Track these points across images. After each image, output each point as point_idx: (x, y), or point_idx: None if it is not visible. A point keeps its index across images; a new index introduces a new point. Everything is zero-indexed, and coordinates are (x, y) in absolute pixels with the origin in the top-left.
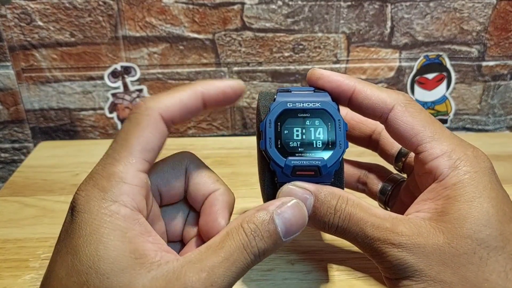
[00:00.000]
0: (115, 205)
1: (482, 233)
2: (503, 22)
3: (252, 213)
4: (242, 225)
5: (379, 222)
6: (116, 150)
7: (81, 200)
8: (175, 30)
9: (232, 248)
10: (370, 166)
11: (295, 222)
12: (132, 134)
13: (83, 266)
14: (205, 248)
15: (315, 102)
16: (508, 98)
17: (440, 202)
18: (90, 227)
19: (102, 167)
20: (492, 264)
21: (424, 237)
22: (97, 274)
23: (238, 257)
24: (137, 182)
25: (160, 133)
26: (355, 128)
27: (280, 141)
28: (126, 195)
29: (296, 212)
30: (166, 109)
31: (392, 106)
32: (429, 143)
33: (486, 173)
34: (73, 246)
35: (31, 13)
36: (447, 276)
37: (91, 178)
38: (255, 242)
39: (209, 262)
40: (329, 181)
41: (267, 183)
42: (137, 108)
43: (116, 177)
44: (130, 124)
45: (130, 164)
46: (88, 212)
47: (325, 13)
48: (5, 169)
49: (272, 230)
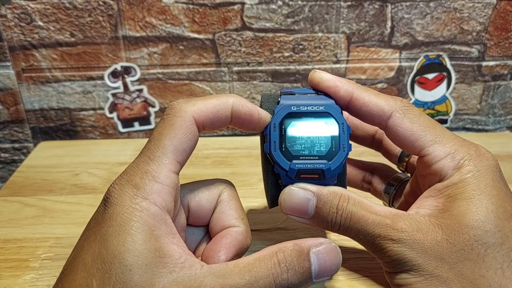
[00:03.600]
0: (145, 202)
1: (480, 230)
2: (503, 22)
3: (290, 246)
4: (278, 254)
5: (380, 219)
6: (150, 149)
7: (115, 193)
8: (175, 30)
9: (260, 274)
10: (375, 165)
11: (329, 265)
12: (166, 135)
13: (108, 254)
14: (233, 266)
15: (319, 106)
16: (508, 98)
17: (441, 200)
18: (120, 218)
19: (136, 164)
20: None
21: (423, 233)
22: (120, 264)
23: (263, 285)
24: (169, 182)
25: (193, 134)
26: (359, 127)
27: (284, 144)
28: (157, 194)
29: (332, 255)
30: (200, 112)
31: (390, 113)
32: (431, 146)
33: (490, 171)
34: (102, 234)
35: (31, 13)
36: (444, 271)
37: (125, 173)
38: (287, 275)
39: (232, 280)
40: (333, 183)
41: (271, 186)
42: (171, 109)
43: (149, 176)
44: (164, 124)
45: (163, 164)
46: (120, 205)
47: (325, 13)
48: (5, 169)
49: (307, 267)
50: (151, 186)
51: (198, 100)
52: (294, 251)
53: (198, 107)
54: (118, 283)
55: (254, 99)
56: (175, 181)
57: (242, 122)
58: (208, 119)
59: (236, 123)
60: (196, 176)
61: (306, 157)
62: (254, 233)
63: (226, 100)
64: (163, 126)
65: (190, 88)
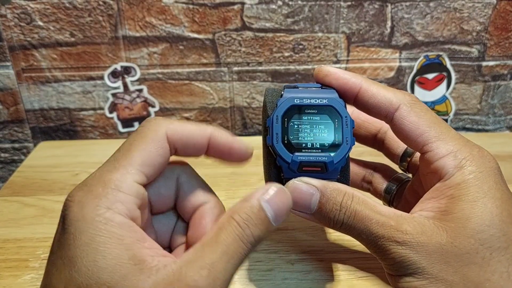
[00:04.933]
0: (109, 212)
1: (485, 233)
2: (503, 22)
3: (241, 204)
4: (234, 217)
5: (384, 220)
6: (117, 158)
7: (74, 208)
8: (175, 30)
9: (228, 241)
10: (375, 165)
11: (283, 206)
12: (136, 146)
13: (81, 277)
14: (201, 246)
15: (322, 99)
16: (508, 98)
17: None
18: (85, 236)
19: (99, 173)
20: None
21: (427, 236)
22: (97, 284)
23: (235, 248)
24: (132, 191)
25: (164, 150)
26: (361, 127)
27: (287, 136)
28: (121, 203)
29: (282, 197)
30: (174, 131)
31: (397, 105)
32: (435, 143)
33: (492, 173)
34: (69, 257)
35: (31, 13)
36: (448, 274)
37: (85, 184)
38: (250, 230)
39: (207, 259)
40: (335, 177)
41: (273, 179)
42: (146, 122)
43: (111, 185)
44: (136, 136)
45: (128, 174)
46: (82, 220)
47: (325, 13)
48: (5, 169)
49: (263, 217)
50: (114, 195)
51: (175, 121)
52: (248, 207)
53: (173, 126)
54: None
55: (254, 99)
56: (140, 191)
57: (221, 153)
58: (181, 141)
59: (214, 154)
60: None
61: (309, 150)
62: None
63: (204, 128)
64: (135, 138)
65: (190, 88)
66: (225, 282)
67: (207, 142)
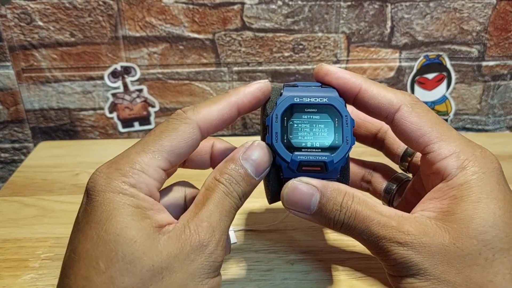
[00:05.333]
0: (133, 189)
1: (488, 234)
2: (503, 22)
3: (222, 165)
4: (217, 178)
5: (385, 220)
6: (147, 142)
7: (100, 180)
8: (175, 30)
9: (217, 198)
10: (374, 165)
11: (261, 160)
12: (167, 135)
13: (110, 235)
14: (194, 206)
15: (322, 97)
16: (508, 98)
17: (446, 201)
18: (113, 203)
19: (127, 154)
20: (497, 266)
21: (430, 237)
22: (125, 239)
23: (224, 202)
24: (156, 177)
25: (194, 141)
26: (361, 126)
27: (286, 135)
28: (145, 184)
29: (260, 152)
30: (205, 120)
31: (398, 106)
32: (437, 143)
33: (494, 174)
34: (97, 221)
35: (31, 13)
36: (451, 275)
37: (114, 162)
38: (232, 187)
39: (204, 213)
40: (335, 177)
41: (272, 179)
42: (177, 115)
43: (138, 166)
44: (168, 126)
45: (154, 159)
46: (109, 191)
47: (325, 13)
48: (5, 169)
49: (243, 173)
50: (139, 176)
51: (203, 108)
52: (228, 167)
53: (203, 115)
54: (126, 256)
55: None
56: (162, 176)
57: (252, 108)
58: (213, 126)
59: (246, 112)
60: (196, 175)
61: (308, 149)
62: (253, 233)
63: (229, 102)
64: (167, 127)
65: (190, 88)
66: (222, 231)
67: (237, 112)
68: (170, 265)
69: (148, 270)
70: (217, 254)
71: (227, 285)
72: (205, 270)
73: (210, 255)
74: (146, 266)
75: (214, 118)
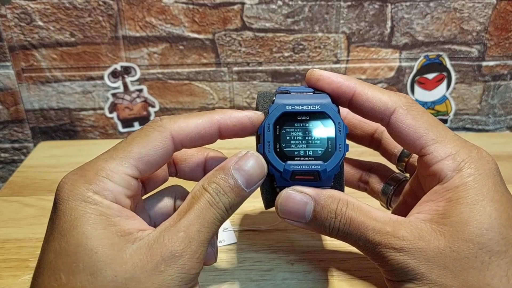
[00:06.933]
0: (97, 196)
1: (484, 237)
2: (503, 22)
3: (212, 173)
4: (204, 187)
5: (380, 226)
6: (116, 149)
7: (65, 188)
8: (175, 30)
9: (200, 207)
10: (372, 165)
11: (254, 172)
12: (137, 142)
13: (70, 246)
14: (176, 214)
15: (314, 105)
16: (508, 98)
17: (441, 204)
18: (75, 212)
19: (95, 161)
20: (494, 269)
21: (425, 241)
22: (85, 251)
23: (207, 213)
24: (123, 183)
25: (165, 151)
26: (357, 127)
27: (279, 145)
28: (109, 191)
29: (254, 163)
30: (179, 131)
31: (393, 109)
32: (433, 145)
33: (491, 175)
34: (59, 231)
35: (31, 13)
36: (448, 279)
37: (80, 169)
38: (219, 198)
39: (182, 223)
40: (329, 185)
41: (266, 188)
42: (152, 122)
43: (103, 173)
44: (140, 133)
45: (121, 166)
46: (72, 199)
47: (325, 13)
48: (5, 169)
49: (233, 184)
50: (104, 183)
51: (181, 119)
52: (217, 176)
53: (178, 125)
54: (87, 268)
55: (254, 99)
56: (131, 182)
57: (235, 133)
58: (188, 138)
59: (228, 136)
60: None
61: (301, 158)
62: (253, 233)
63: (210, 118)
64: (139, 135)
65: (190, 88)
66: (200, 243)
67: (217, 130)
68: (136, 275)
69: (110, 281)
70: (190, 265)
71: (227, 285)
72: (175, 281)
73: (182, 266)
74: (108, 277)
75: (191, 131)
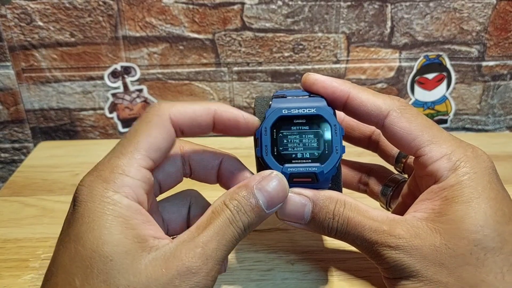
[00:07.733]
0: (117, 195)
1: (479, 234)
2: (503, 22)
3: (234, 190)
4: (225, 203)
5: (377, 225)
6: (124, 144)
7: (84, 190)
8: (175, 30)
9: (219, 224)
10: (371, 166)
11: (276, 194)
12: (141, 132)
13: (86, 250)
14: (195, 228)
15: (310, 108)
16: (508, 98)
17: (438, 202)
18: (93, 214)
19: (107, 159)
20: (489, 265)
21: (421, 239)
22: (100, 257)
23: (226, 231)
24: (139, 176)
25: (168, 134)
26: (355, 129)
27: (276, 148)
28: (128, 187)
29: (276, 185)
30: (177, 113)
31: (387, 112)
32: (428, 146)
33: (486, 173)
34: (76, 233)
35: (31, 13)
36: (443, 276)
37: (95, 169)
38: (239, 217)
39: (201, 238)
40: (327, 186)
41: None
42: (150, 108)
43: (119, 170)
44: (141, 122)
45: (134, 159)
46: (90, 201)
47: (325, 13)
48: (5, 169)
49: (254, 204)
50: (121, 180)
51: (178, 103)
52: (239, 194)
53: (176, 108)
54: (101, 274)
55: (254, 99)
56: (147, 175)
57: (228, 128)
58: (186, 123)
59: (221, 129)
60: None
61: (299, 160)
62: (253, 233)
63: (207, 106)
64: (140, 124)
65: (190, 88)
66: (216, 261)
67: (212, 120)
68: (149, 287)
69: None
70: (204, 284)
71: (227, 285)
72: None
73: (197, 284)
74: (121, 286)
75: (189, 116)
